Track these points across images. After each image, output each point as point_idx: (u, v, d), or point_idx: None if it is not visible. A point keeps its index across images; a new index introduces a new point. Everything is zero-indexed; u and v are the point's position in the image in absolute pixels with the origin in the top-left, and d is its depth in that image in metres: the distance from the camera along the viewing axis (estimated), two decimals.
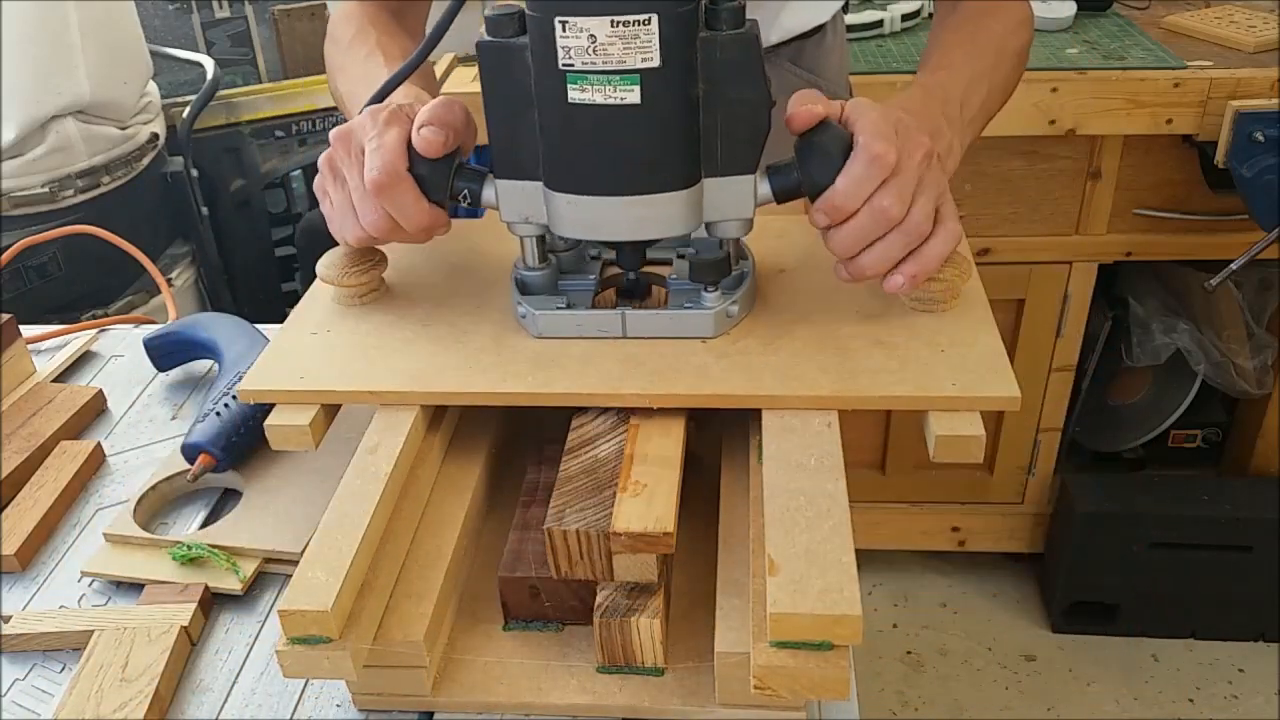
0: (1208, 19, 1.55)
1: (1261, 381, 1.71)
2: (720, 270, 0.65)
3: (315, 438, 0.64)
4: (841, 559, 0.51)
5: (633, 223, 0.62)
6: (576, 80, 0.57)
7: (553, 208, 0.63)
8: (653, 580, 0.55)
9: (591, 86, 0.57)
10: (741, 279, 0.67)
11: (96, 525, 0.73)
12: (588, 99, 0.58)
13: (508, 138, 0.62)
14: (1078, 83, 1.42)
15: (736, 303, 0.66)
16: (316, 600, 0.51)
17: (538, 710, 0.57)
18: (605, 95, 0.57)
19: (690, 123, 0.60)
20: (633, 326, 0.66)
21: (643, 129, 0.59)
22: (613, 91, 0.57)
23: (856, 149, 0.61)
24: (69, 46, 1.54)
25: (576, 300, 0.68)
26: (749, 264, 0.69)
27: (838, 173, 0.61)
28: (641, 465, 0.58)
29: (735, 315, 0.66)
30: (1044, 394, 1.73)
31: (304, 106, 2.03)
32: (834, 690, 0.49)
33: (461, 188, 0.65)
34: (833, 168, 0.61)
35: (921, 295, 0.66)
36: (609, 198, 0.61)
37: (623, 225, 0.62)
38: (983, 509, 1.87)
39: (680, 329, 0.66)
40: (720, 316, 0.66)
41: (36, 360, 0.90)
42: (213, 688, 0.61)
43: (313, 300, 0.74)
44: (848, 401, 0.61)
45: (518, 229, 0.66)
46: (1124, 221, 1.57)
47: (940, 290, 0.66)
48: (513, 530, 0.62)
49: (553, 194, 0.62)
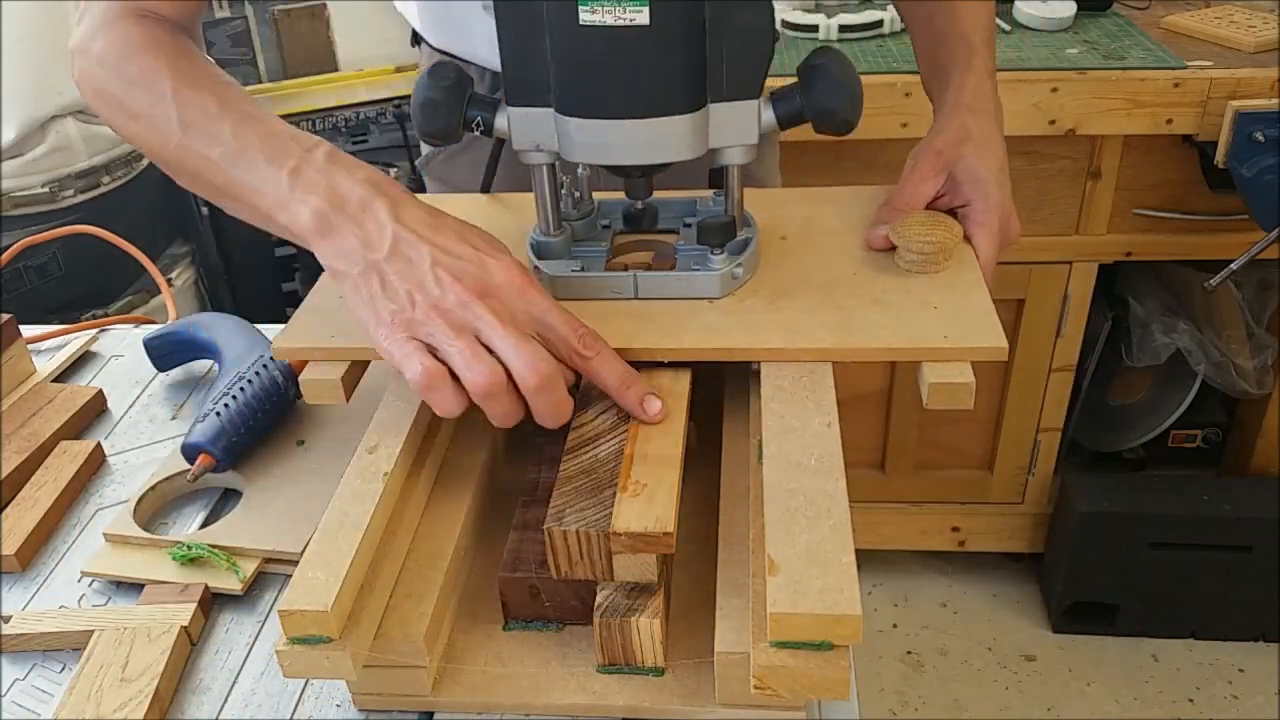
0: (1208, 19, 1.55)
1: (1261, 381, 1.71)
2: (726, 233, 0.68)
3: (346, 391, 0.66)
4: (841, 559, 0.51)
5: (641, 146, 0.64)
6: (588, 1, 0.59)
7: (563, 132, 0.65)
8: (653, 580, 0.55)
9: (602, 8, 0.59)
10: (746, 244, 0.70)
11: (96, 525, 0.73)
12: (598, 20, 0.59)
13: (520, 65, 0.63)
14: (1078, 83, 1.42)
15: (741, 265, 0.69)
16: (316, 600, 0.51)
17: (538, 710, 0.57)
18: (615, 16, 0.59)
19: (697, 46, 0.62)
20: (644, 287, 0.69)
21: (651, 51, 0.60)
22: (622, 13, 0.59)
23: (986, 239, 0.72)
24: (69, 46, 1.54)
25: (590, 264, 0.70)
26: (753, 230, 0.72)
27: (844, 99, 0.64)
28: (641, 465, 0.58)
29: (740, 277, 0.69)
30: (1044, 394, 1.73)
31: (304, 106, 2.03)
32: (834, 690, 0.49)
33: (474, 115, 0.67)
34: (840, 94, 0.64)
35: (915, 256, 0.70)
36: (618, 121, 0.63)
37: (631, 149, 0.64)
38: (983, 509, 1.87)
39: (688, 290, 0.69)
40: (726, 278, 0.68)
41: (36, 360, 0.90)
42: (213, 688, 0.61)
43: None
44: (846, 354, 0.64)
45: (529, 157, 0.68)
46: (1124, 221, 1.57)
47: (934, 251, 0.69)
48: (513, 530, 0.62)
49: (563, 119, 0.64)
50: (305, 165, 0.63)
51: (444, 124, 0.66)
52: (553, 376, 0.58)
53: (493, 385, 0.57)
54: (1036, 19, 1.57)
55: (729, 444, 0.67)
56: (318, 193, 0.61)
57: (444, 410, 0.58)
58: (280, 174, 0.62)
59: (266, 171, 0.63)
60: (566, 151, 0.65)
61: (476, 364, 0.56)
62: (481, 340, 0.57)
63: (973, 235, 0.73)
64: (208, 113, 0.65)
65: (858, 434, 1.80)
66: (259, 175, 0.63)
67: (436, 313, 0.58)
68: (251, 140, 0.64)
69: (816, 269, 0.71)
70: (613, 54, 0.60)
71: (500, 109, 0.66)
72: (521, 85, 0.64)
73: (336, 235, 0.61)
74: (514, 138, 0.66)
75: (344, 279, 0.60)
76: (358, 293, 0.59)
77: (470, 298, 0.58)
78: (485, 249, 0.61)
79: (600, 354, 0.60)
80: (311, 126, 2.04)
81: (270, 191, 0.63)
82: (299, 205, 0.61)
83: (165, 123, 0.66)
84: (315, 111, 2.04)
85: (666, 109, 0.62)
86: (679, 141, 0.64)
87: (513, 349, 0.57)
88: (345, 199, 0.61)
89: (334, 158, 0.63)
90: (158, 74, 0.67)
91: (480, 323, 0.58)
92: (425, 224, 0.61)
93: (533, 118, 0.65)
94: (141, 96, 0.67)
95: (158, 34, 0.70)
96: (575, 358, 0.60)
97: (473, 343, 0.57)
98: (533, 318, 0.60)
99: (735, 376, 0.70)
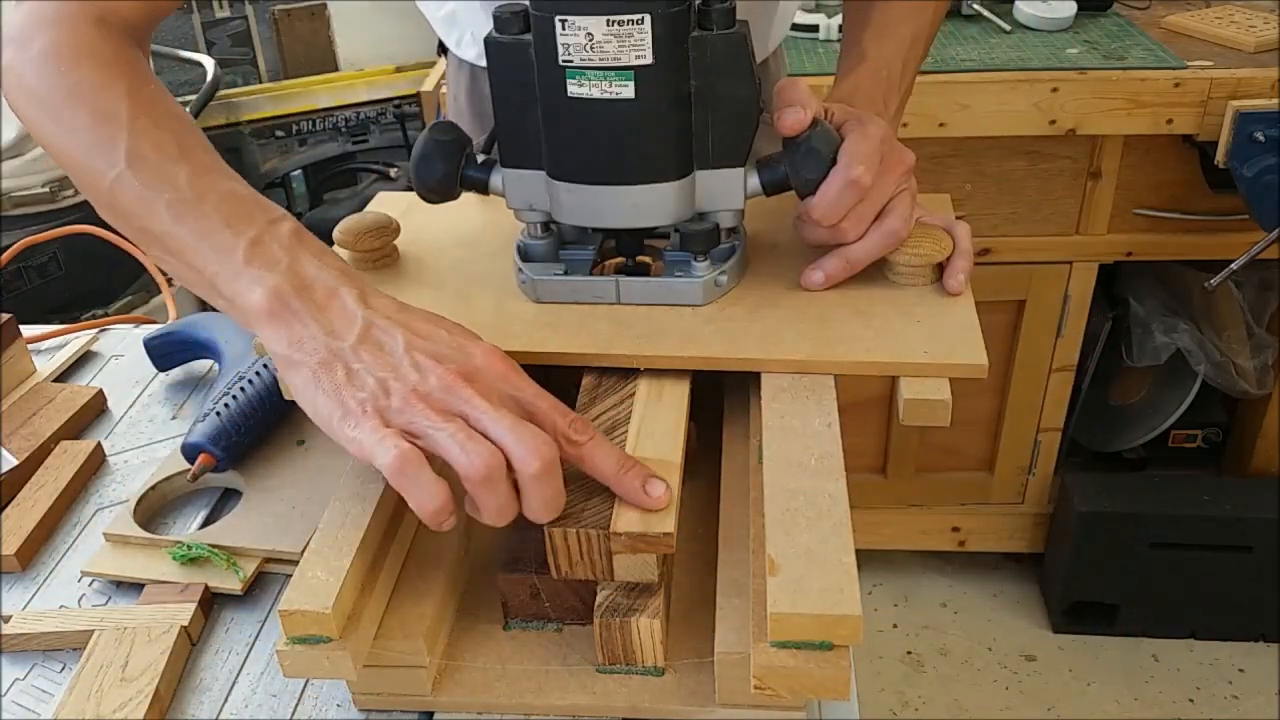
0: (1208, 19, 1.55)
1: (1262, 381, 1.71)
2: (709, 240, 0.68)
3: None
4: (842, 559, 0.51)
5: (628, 210, 0.65)
6: (575, 75, 0.60)
7: (554, 195, 0.66)
8: (653, 580, 0.55)
9: (589, 81, 0.60)
10: (732, 251, 0.70)
11: (96, 525, 0.73)
12: (585, 93, 0.61)
13: (514, 129, 0.65)
14: (1078, 83, 1.41)
15: (725, 273, 0.69)
16: (316, 600, 0.51)
17: (538, 710, 0.57)
18: (601, 90, 0.61)
19: (682, 117, 0.63)
20: (626, 293, 0.69)
21: (637, 122, 0.62)
22: (608, 86, 0.60)
23: (836, 169, 0.65)
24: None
25: (575, 268, 0.71)
26: (740, 237, 0.72)
27: (825, 171, 0.65)
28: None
29: (724, 285, 0.69)
30: (1044, 394, 1.73)
31: (304, 106, 2.03)
32: (834, 690, 0.49)
33: (471, 176, 0.68)
34: (820, 167, 0.65)
35: (903, 269, 0.69)
36: (606, 187, 0.64)
37: (619, 213, 0.65)
38: (983, 509, 1.87)
39: (671, 296, 0.69)
40: (709, 285, 0.68)
41: (36, 360, 0.90)
42: (213, 688, 0.61)
43: None
44: (822, 365, 0.63)
45: (523, 215, 0.70)
46: (1124, 221, 1.57)
47: (921, 264, 0.68)
48: (513, 530, 0.62)
49: (554, 183, 0.66)
50: (268, 238, 0.57)
51: (440, 182, 0.67)
52: (554, 462, 0.52)
53: (491, 469, 0.51)
54: (1036, 19, 1.57)
55: (729, 444, 0.67)
56: (278, 271, 0.56)
57: (422, 503, 0.51)
58: (237, 241, 0.57)
59: (221, 235, 0.57)
60: (557, 213, 0.67)
61: (472, 446, 0.51)
62: (471, 425, 0.52)
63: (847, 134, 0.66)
64: (164, 152, 0.59)
65: (859, 439, 1.80)
66: (212, 239, 0.57)
67: (417, 397, 0.52)
68: (209, 196, 0.58)
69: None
70: (600, 125, 0.62)
71: (495, 169, 0.68)
72: (516, 149, 0.66)
73: (294, 320, 0.55)
74: (508, 198, 0.68)
75: (297, 369, 0.54)
76: (316, 383, 0.53)
77: (455, 380, 0.53)
78: (460, 334, 0.57)
79: (593, 439, 0.55)
80: (311, 126, 2.04)
81: (220, 259, 0.57)
82: (252, 282, 0.56)
83: (108, 149, 0.59)
84: (315, 111, 2.04)
85: (653, 177, 0.64)
86: (666, 207, 0.65)
87: (509, 432, 0.51)
88: (309, 282, 0.56)
89: (300, 236, 0.58)
90: (111, 94, 0.60)
91: (468, 406, 0.52)
92: (396, 309, 0.57)
93: (526, 180, 0.67)
94: (84, 113, 0.60)
95: (117, 47, 0.63)
96: (566, 445, 0.54)
97: (464, 426, 0.52)
98: (519, 403, 0.55)
99: (735, 377, 0.70)
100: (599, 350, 0.65)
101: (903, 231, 0.67)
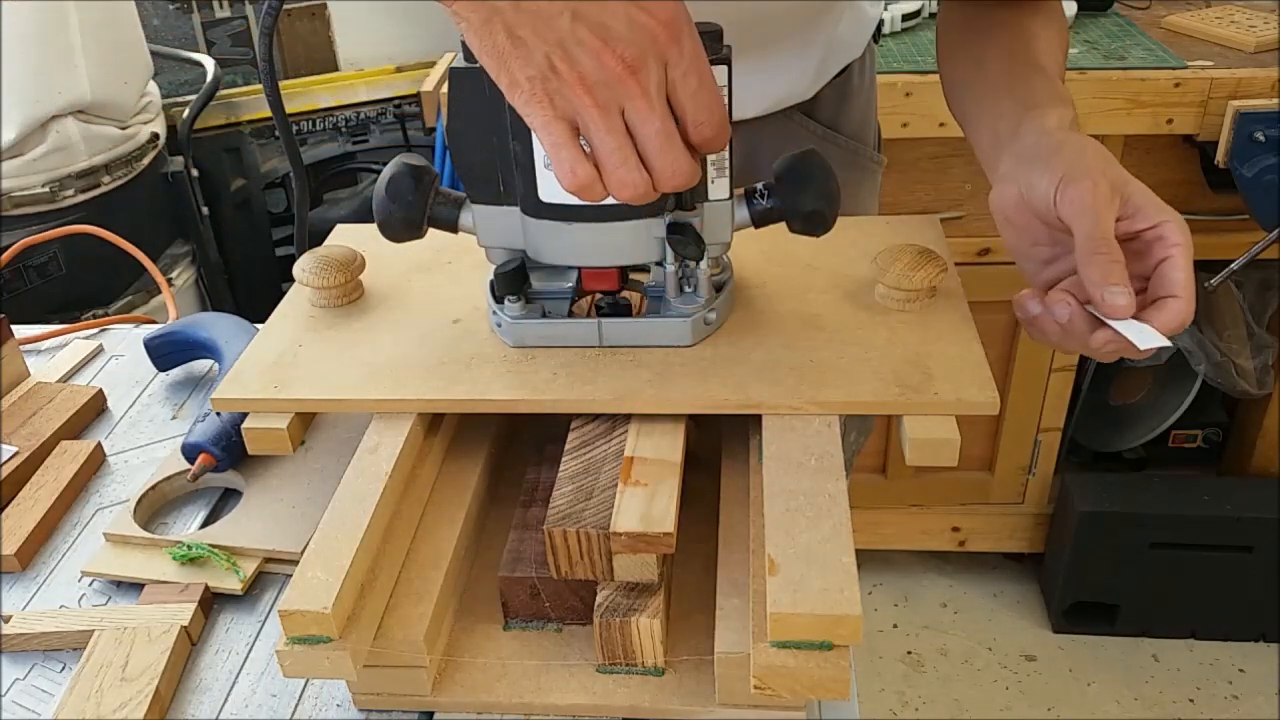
0: (1208, 19, 1.55)
1: (1262, 381, 1.71)
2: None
3: (293, 441, 0.64)
4: (842, 559, 0.51)
5: (609, 249, 0.62)
6: None
7: (530, 233, 0.63)
8: (653, 580, 0.55)
9: None
10: (721, 286, 0.67)
11: (96, 525, 0.73)
12: None
13: (482, 163, 0.61)
14: (1078, 83, 1.41)
15: (714, 310, 0.66)
16: (316, 600, 0.51)
17: (538, 710, 0.57)
18: None
19: None
20: (610, 335, 0.66)
21: None
22: None
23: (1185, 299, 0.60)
24: (69, 46, 1.54)
25: (552, 308, 0.67)
26: (728, 273, 0.69)
27: (819, 200, 0.62)
28: (641, 465, 0.58)
29: (714, 322, 0.66)
30: (1044, 394, 1.73)
31: (304, 106, 2.03)
32: (834, 690, 0.49)
33: (439, 213, 0.65)
34: (814, 197, 0.62)
35: (900, 293, 0.67)
36: (586, 224, 0.61)
37: (600, 251, 0.62)
38: (983, 509, 1.87)
39: (658, 338, 0.65)
40: (698, 324, 0.65)
41: (37, 360, 0.90)
42: (213, 688, 0.61)
43: (290, 304, 0.74)
44: (824, 406, 0.60)
45: (495, 255, 0.66)
46: None
47: (918, 289, 0.66)
48: (513, 530, 0.62)
49: (530, 220, 0.62)
50: None
51: (405, 219, 0.63)
52: (694, 176, 0.53)
53: (635, 196, 0.53)
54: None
55: (729, 444, 0.67)
56: None
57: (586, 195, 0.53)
58: None
59: None
60: (535, 251, 0.63)
61: (625, 173, 0.52)
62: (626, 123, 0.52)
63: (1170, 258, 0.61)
64: None
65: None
66: None
67: (584, 89, 0.50)
68: None
69: (795, 312, 0.68)
70: None
71: (465, 206, 0.64)
72: (484, 184, 0.62)
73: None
74: (480, 235, 0.64)
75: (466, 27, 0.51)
76: (483, 45, 0.51)
77: (621, 74, 0.50)
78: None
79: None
80: (311, 126, 2.04)
81: None
82: None
83: None
84: (315, 111, 2.03)
85: (636, 213, 0.60)
86: (649, 244, 0.62)
87: (659, 152, 0.52)
88: None
89: None
90: None
91: (629, 105, 0.51)
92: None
93: (498, 216, 0.63)
94: None
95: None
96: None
97: (624, 140, 0.52)
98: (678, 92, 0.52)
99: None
100: (578, 397, 0.62)
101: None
